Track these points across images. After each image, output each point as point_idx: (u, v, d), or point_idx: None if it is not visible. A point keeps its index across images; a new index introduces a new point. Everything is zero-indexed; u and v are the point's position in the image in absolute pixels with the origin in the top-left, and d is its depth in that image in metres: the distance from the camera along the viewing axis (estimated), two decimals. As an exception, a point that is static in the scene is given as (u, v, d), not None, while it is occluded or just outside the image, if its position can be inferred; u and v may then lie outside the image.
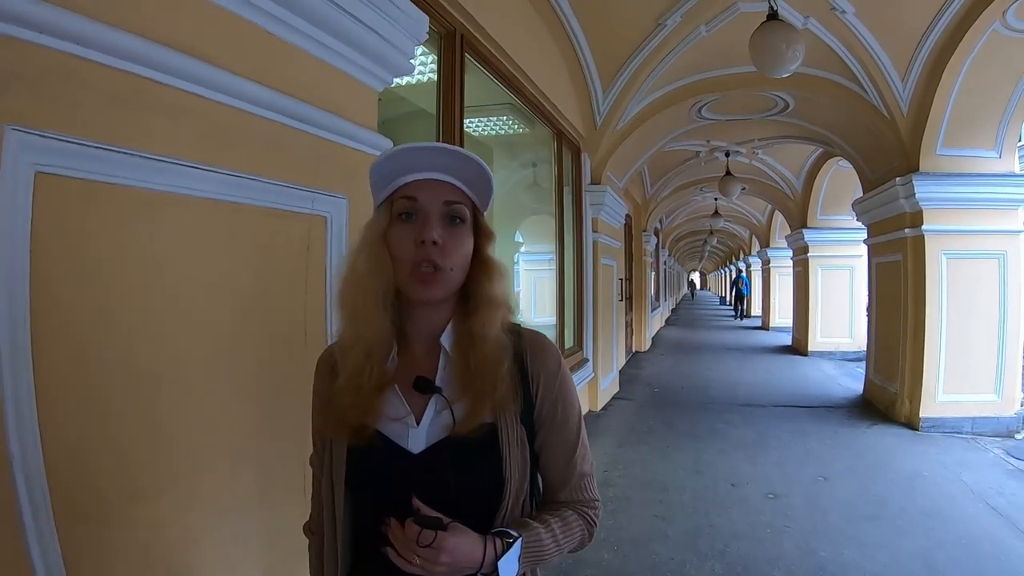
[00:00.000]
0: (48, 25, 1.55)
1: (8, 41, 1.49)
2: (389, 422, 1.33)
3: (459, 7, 4.26)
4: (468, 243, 1.34)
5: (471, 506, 1.29)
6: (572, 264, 8.62)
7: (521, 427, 1.36)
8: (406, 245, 1.28)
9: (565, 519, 1.39)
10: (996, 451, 7.12)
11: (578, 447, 1.44)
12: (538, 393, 1.40)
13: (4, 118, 1.50)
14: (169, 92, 1.89)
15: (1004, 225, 7.97)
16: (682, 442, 7.62)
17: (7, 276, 1.52)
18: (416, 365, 1.36)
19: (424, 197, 1.30)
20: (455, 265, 1.31)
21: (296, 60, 2.42)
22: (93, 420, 1.72)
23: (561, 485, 1.44)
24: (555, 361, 1.44)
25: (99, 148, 1.69)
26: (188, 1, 1.97)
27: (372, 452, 1.31)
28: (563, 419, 1.42)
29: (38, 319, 1.58)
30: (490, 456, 1.32)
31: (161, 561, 1.89)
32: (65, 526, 1.62)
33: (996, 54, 6.72)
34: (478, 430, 1.30)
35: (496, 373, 1.31)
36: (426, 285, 1.29)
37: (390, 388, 1.34)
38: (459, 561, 1.20)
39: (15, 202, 1.53)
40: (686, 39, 7.07)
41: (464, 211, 1.33)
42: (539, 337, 1.47)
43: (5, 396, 1.51)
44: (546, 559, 1.35)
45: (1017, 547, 4.58)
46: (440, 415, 1.32)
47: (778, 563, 4.32)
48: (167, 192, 1.88)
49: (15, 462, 1.52)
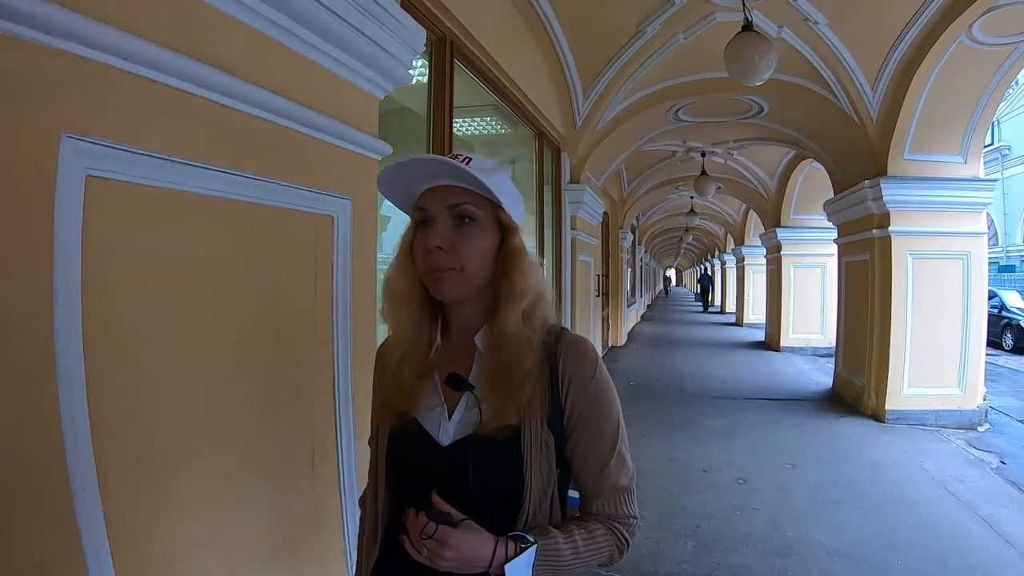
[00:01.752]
0: (97, 40, 1.71)
1: (62, 55, 1.65)
2: (426, 411, 1.39)
3: (450, 15, 4.45)
4: (481, 239, 1.36)
5: (489, 505, 1.30)
6: (551, 260, 8.77)
7: (548, 431, 1.36)
8: (420, 253, 1.35)
9: (592, 532, 1.36)
10: (958, 442, 7.41)
11: (612, 458, 1.41)
12: (568, 397, 1.39)
13: (60, 126, 1.65)
14: (199, 102, 2.07)
15: (968, 227, 8.27)
16: (657, 431, 7.86)
17: (64, 271, 1.68)
18: (457, 359, 1.42)
19: (431, 205, 1.35)
20: (466, 264, 1.34)
21: (308, 71, 2.61)
22: (131, 404, 1.88)
23: (593, 495, 1.41)
24: (590, 367, 1.42)
25: (139, 153, 1.86)
26: (217, 18, 2.15)
27: (409, 439, 1.39)
28: (596, 427, 1.40)
29: (87, 312, 1.74)
30: (511, 457, 1.33)
31: (184, 528, 2.06)
32: (107, 498, 1.77)
33: (962, 65, 7.00)
34: (503, 431, 1.31)
35: (519, 370, 1.33)
36: (440, 285, 1.34)
37: (430, 378, 1.41)
38: (465, 558, 1.22)
39: (69, 203, 1.69)
40: (665, 45, 7.26)
41: (472, 210, 1.35)
42: (578, 342, 1.46)
43: (59, 380, 1.67)
44: (563, 569, 1.31)
45: (973, 529, 4.86)
46: (470, 412, 1.35)
47: (747, 541, 4.60)
48: (195, 193, 2.05)
49: (67, 439, 1.69)
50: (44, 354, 1.64)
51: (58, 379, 1.67)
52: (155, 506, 1.96)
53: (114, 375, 1.82)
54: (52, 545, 1.67)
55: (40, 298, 1.63)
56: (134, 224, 1.89)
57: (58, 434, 1.67)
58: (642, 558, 4.35)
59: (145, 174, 1.90)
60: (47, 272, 1.65)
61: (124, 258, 1.86)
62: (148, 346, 1.93)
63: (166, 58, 1.92)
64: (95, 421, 1.75)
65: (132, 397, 1.89)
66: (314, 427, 2.68)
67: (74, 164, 1.70)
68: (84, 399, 1.73)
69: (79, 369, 1.72)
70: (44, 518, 1.65)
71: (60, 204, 1.67)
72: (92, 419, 1.75)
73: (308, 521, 2.64)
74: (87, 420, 1.74)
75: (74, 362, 1.71)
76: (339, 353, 2.79)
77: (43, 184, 1.63)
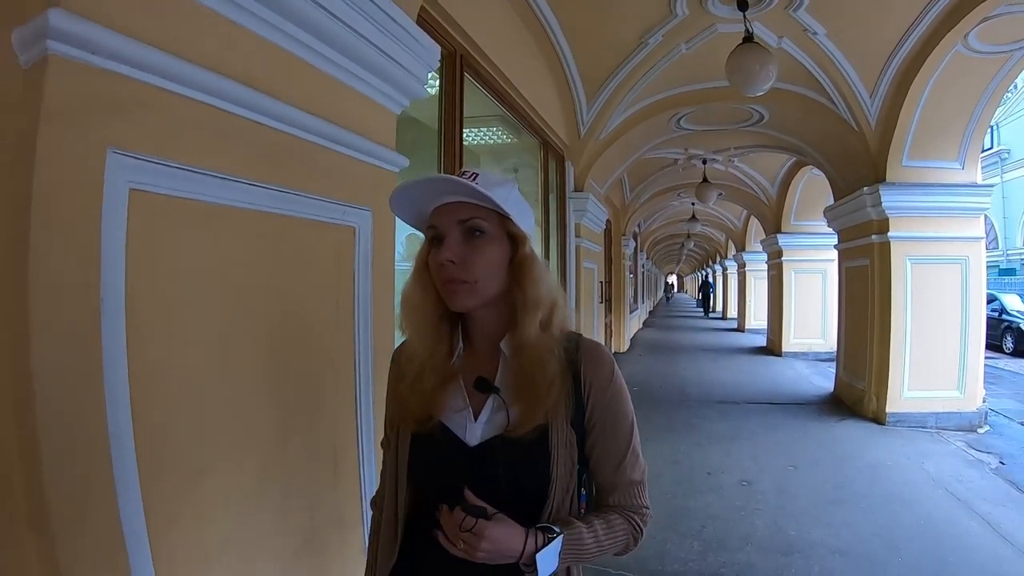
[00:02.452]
0: (140, 60, 1.83)
1: (109, 75, 1.77)
2: (451, 414, 1.45)
3: (460, 30, 4.59)
4: (492, 251, 1.42)
5: (518, 500, 1.36)
6: (556, 268, 8.85)
7: (571, 430, 1.43)
8: (435, 268, 1.41)
9: (610, 522, 1.44)
10: (958, 443, 7.50)
11: (628, 454, 1.50)
12: (589, 399, 1.46)
13: (106, 142, 1.77)
14: (233, 119, 2.20)
15: (966, 232, 8.35)
16: (661, 435, 7.96)
17: (110, 280, 1.79)
18: (480, 364, 1.48)
19: (441, 221, 1.42)
20: (479, 276, 1.40)
21: (332, 89, 2.74)
22: (169, 406, 1.99)
23: (610, 490, 1.50)
24: (608, 370, 1.50)
25: (178, 167, 1.97)
26: (250, 39, 2.28)
27: (434, 441, 1.44)
28: (613, 426, 1.48)
29: (130, 319, 1.85)
30: (539, 456, 1.39)
31: (217, 526, 2.17)
32: (147, 497, 1.88)
33: (959, 73, 7.10)
34: (531, 431, 1.38)
35: (544, 376, 1.40)
36: (454, 298, 1.41)
37: (455, 383, 1.48)
38: (499, 549, 1.28)
39: (115, 215, 1.80)
40: (667, 56, 7.37)
41: (481, 223, 1.41)
42: (595, 347, 1.54)
43: (106, 385, 1.77)
44: (586, 558, 1.41)
45: (971, 527, 4.96)
46: (496, 414, 1.42)
47: (751, 540, 4.71)
48: (228, 205, 2.17)
49: (112, 442, 1.79)
50: (93, 361, 1.74)
51: (104, 384, 1.77)
52: (191, 504, 2.06)
53: (154, 379, 1.92)
54: (97, 539, 1.77)
55: (89, 307, 1.74)
56: (172, 235, 1.99)
57: (104, 436, 1.78)
58: (649, 557, 4.45)
59: (182, 187, 2.02)
60: (95, 281, 1.75)
61: (163, 267, 1.96)
62: (184, 351, 2.04)
63: (203, 77, 2.04)
64: (137, 423, 1.86)
65: (170, 400, 1.99)
66: (336, 430, 2.79)
67: (119, 177, 1.81)
68: (128, 403, 1.83)
69: (123, 374, 1.82)
70: (91, 513, 1.75)
71: (106, 216, 1.78)
72: (135, 422, 1.85)
73: (331, 520, 2.74)
74: (130, 423, 1.84)
75: (119, 367, 1.81)
76: (360, 358, 2.90)
77: (91, 197, 1.74)
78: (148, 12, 1.88)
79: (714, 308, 35.85)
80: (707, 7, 6.37)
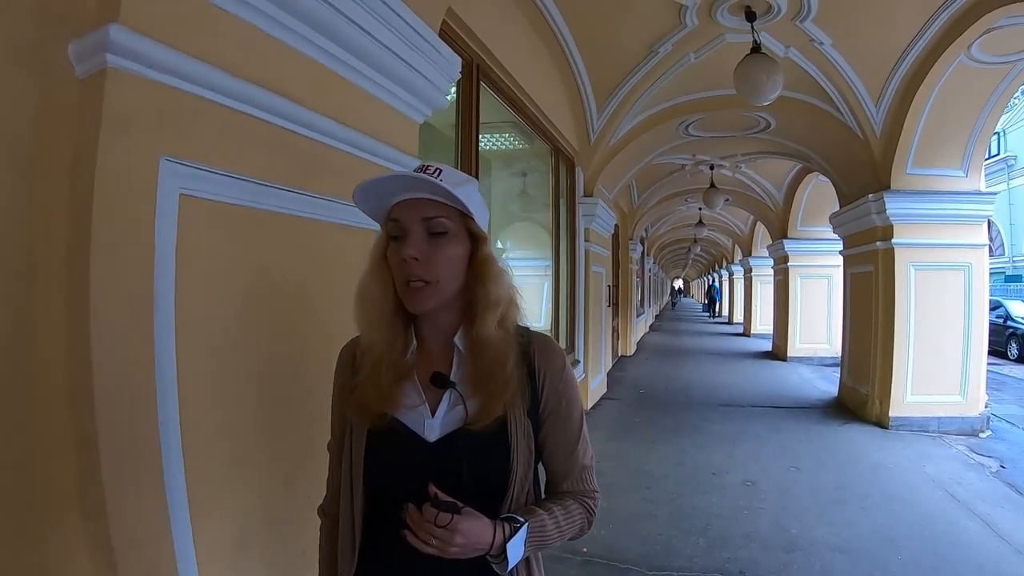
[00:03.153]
0: (189, 73, 1.99)
1: (161, 87, 1.92)
2: (407, 411, 1.44)
3: (477, 40, 4.77)
4: (454, 251, 1.41)
5: (481, 493, 1.36)
6: (566, 271, 9.03)
7: (527, 421, 1.45)
8: (396, 263, 1.39)
9: (567, 507, 1.48)
10: (960, 447, 7.57)
11: (579, 441, 1.55)
12: (543, 390, 1.49)
13: (159, 150, 1.92)
14: (271, 128, 2.37)
15: (969, 239, 8.43)
16: (666, 437, 8.08)
17: (162, 279, 1.94)
18: (434, 361, 1.47)
19: (404, 216, 1.39)
20: (441, 276, 1.39)
21: (360, 100, 2.91)
22: (211, 398, 2.14)
23: (564, 476, 1.54)
24: (560, 360, 1.54)
25: (222, 174, 2.14)
26: (287, 53, 2.45)
27: (391, 438, 1.42)
28: (567, 414, 1.52)
29: (179, 315, 2.00)
30: (499, 447, 1.41)
31: (251, 516, 2.33)
32: (191, 479, 2.02)
33: (962, 83, 7.20)
34: (490, 424, 1.39)
35: (503, 371, 1.42)
36: (416, 299, 1.39)
37: (409, 380, 1.46)
38: (472, 543, 1.29)
39: (167, 218, 1.95)
40: (676, 65, 7.51)
41: (445, 223, 1.39)
42: (546, 339, 1.58)
43: (157, 376, 1.92)
44: (549, 543, 1.43)
45: (970, 527, 5.06)
46: (454, 408, 1.42)
47: (754, 538, 4.83)
48: (265, 209, 2.33)
49: (162, 429, 1.94)
50: (145, 354, 1.90)
51: (156, 376, 1.93)
52: (229, 493, 2.22)
53: (198, 372, 2.07)
54: (147, 524, 1.91)
55: (144, 304, 1.89)
56: (216, 237, 2.15)
57: (155, 426, 1.93)
58: (655, 554, 4.58)
59: (226, 193, 2.18)
60: (149, 281, 1.91)
61: (207, 268, 2.12)
62: (224, 346, 2.20)
63: (246, 90, 2.21)
64: (183, 413, 2.01)
65: (211, 392, 2.15)
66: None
67: (170, 184, 1.96)
68: (176, 394, 1.99)
69: (172, 367, 1.98)
70: (142, 500, 1.90)
71: (160, 219, 1.93)
72: (181, 411, 2.00)
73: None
74: (177, 413, 1.99)
75: (168, 361, 1.97)
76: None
77: (145, 201, 1.90)
78: (197, 28, 2.05)
79: (720, 312, 37.75)
80: (716, 18, 6.51)
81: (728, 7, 6.32)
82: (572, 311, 9.31)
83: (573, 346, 9.31)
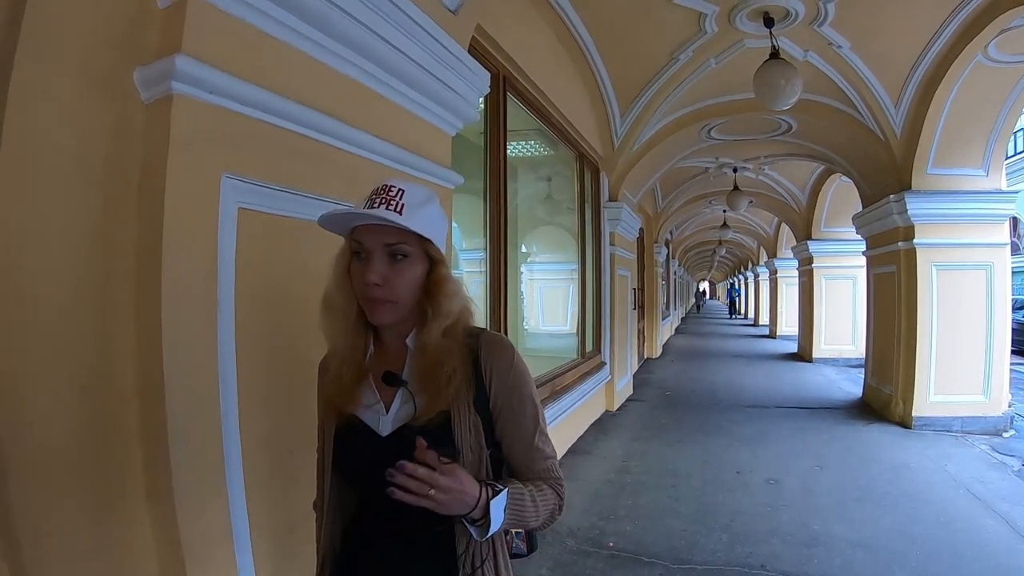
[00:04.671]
0: (246, 98, 2.19)
1: (221, 111, 2.12)
2: (365, 409, 1.54)
3: (504, 53, 4.95)
4: (412, 273, 1.49)
5: None
6: (592, 275, 9.19)
7: (475, 414, 1.51)
8: (358, 281, 1.48)
9: (539, 486, 1.54)
10: (982, 447, 7.59)
11: (536, 433, 1.58)
12: (491, 384, 1.54)
13: (221, 168, 2.12)
14: (317, 145, 2.56)
15: (991, 239, 8.45)
16: (691, 437, 8.19)
17: (224, 285, 2.13)
18: (389, 362, 1.56)
19: (368, 241, 1.46)
20: (399, 296, 1.47)
21: (397, 116, 3.10)
22: (266, 395, 2.32)
23: (526, 468, 1.58)
24: (507, 356, 1.58)
25: (274, 188, 2.33)
26: (332, 76, 2.66)
27: (351, 434, 1.54)
28: (519, 408, 1.57)
29: (238, 318, 2.19)
30: (444, 439, 1.45)
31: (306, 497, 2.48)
32: (247, 465, 2.21)
33: (980, 82, 7.26)
34: (436, 418, 1.46)
35: (443, 371, 1.48)
36: (376, 313, 1.48)
37: (366, 381, 1.56)
38: (466, 490, 1.33)
39: (227, 230, 2.15)
40: (697, 70, 7.65)
41: (405, 248, 1.46)
42: (494, 337, 1.63)
43: (220, 376, 2.11)
44: (526, 518, 1.49)
45: (989, 524, 5.12)
46: (405, 405, 1.50)
47: (776, 533, 4.94)
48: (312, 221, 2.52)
49: (223, 423, 2.13)
50: (209, 351, 2.10)
51: (219, 375, 2.12)
52: (281, 480, 2.39)
53: (254, 369, 2.26)
54: (209, 507, 2.09)
55: (208, 308, 2.09)
56: (269, 247, 2.34)
57: (216, 416, 2.12)
58: (680, 548, 4.71)
59: (279, 206, 2.38)
60: (213, 287, 2.10)
61: (261, 275, 2.31)
62: (276, 346, 2.38)
63: (293, 110, 2.41)
64: (241, 405, 2.19)
65: (267, 389, 2.33)
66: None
67: (231, 199, 2.17)
68: (235, 388, 2.18)
69: (232, 364, 2.17)
70: (204, 485, 2.08)
71: (222, 231, 2.13)
72: (239, 404, 2.19)
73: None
74: (236, 406, 2.18)
75: (229, 358, 2.16)
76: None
77: (209, 215, 2.10)
78: (251, 55, 2.25)
79: (739, 312, 42.53)
80: (735, 24, 6.64)
81: (747, 13, 6.44)
82: (598, 314, 9.46)
83: (599, 348, 9.46)
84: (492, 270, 5.60)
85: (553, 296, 10.03)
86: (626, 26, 6.81)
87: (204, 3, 2.05)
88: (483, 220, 5.47)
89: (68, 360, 1.84)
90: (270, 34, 2.33)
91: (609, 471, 6.75)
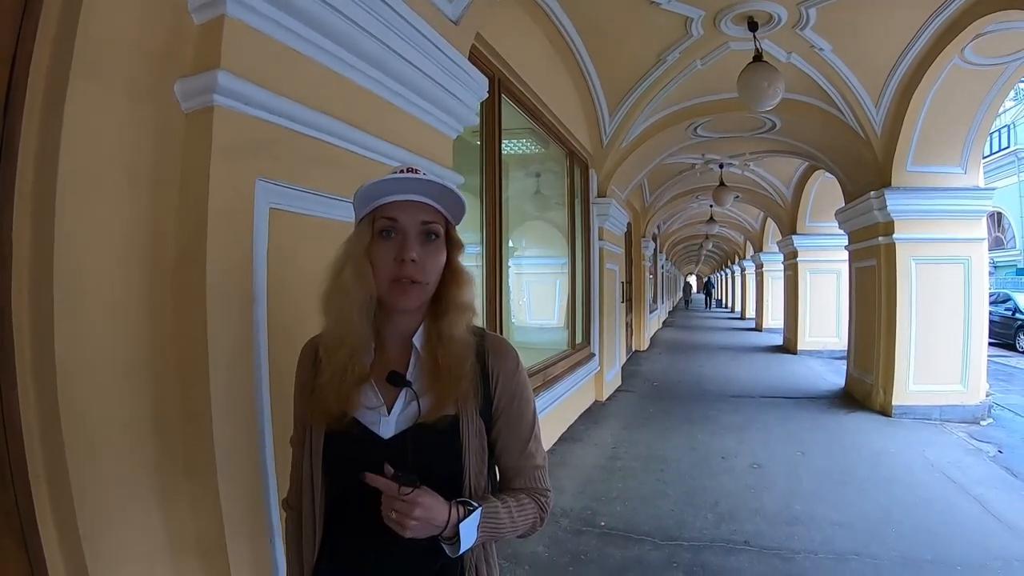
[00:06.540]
0: (276, 108, 2.39)
1: (255, 120, 2.33)
2: (365, 411, 1.46)
3: (499, 57, 5.18)
4: (442, 256, 1.46)
5: (435, 489, 1.36)
6: (581, 269, 9.39)
7: (480, 419, 1.48)
8: (387, 261, 1.41)
9: (520, 501, 1.49)
10: (960, 434, 7.84)
11: (531, 440, 1.56)
12: (496, 389, 1.52)
13: (255, 172, 2.33)
14: (339, 151, 2.79)
15: (968, 234, 8.68)
16: (679, 426, 8.42)
17: (259, 279, 2.33)
18: (390, 361, 1.50)
19: (404, 218, 1.41)
20: (431, 278, 1.44)
21: (405, 121, 3.32)
22: None
23: (516, 474, 1.55)
24: (513, 362, 1.56)
25: (302, 191, 2.55)
26: (351, 88, 2.88)
27: (348, 437, 1.45)
28: (519, 413, 1.54)
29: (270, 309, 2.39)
30: (451, 444, 1.44)
31: None
32: (277, 449, 2.38)
33: (958, 84, 7.49)
34: (442, 421, 1.42)
35: (461, 369, 1.44)
36: (406, 296, 1.42)
37: (367, 381, 1.48)
38: (430, 517, 1.30)
39: (261, 229, 2.36)
40: (684, 71, 7.87)
41: (439, 228, 1.44)
42: (500, 340, 1.60)
43: (255, 362, 2.31)
44: (502, 533, 1.45)
45: (964, 506, 5.37)
46: (409, 406, 1.45)
47: (760, 513, 5.19)
48: (335, 220, 2.72)
49: (257, 405, 2.32)
50: (245, 341, 2.30)
51: (254, 361, 2.32)
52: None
53: (283, 359, 2.42)
54: (245, 488, 2.28)
55: (245, 302, 2.30)
56: (295, 244, 2.55)
57: (252, 402, 2.31)
58: (669, 526, 4.94)
59: (305, 207, 2.59)
60: (248, 279, 2.31)
61: (290, 270, 2.51)
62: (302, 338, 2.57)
63: (318, 119, 2.63)
64: (272, 392, 2.39)
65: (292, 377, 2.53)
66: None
67: (264, 200, 2.37)
68: (267, 376, 2.37)
69: (264, 354, 2.37)
70: (242, 468, 2.27)
71: (256, 230, 2.34)
72: (271, 391, 2.38)
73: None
74: (268, 394, 2.37)
75: (262, 348, 2.36)
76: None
77: (245, 216, 2.30)
78: (283, 70, 2.46)
79: (716, 300, 49.08)
80: (720, 28, 6.87)
81: (732, 18, 6.66)
82: (587, 307, 9.66)
83: (589, 340, 9.66)
84: (488, 265, 5.78)
85: (541, 290, 10.14)
86: (616, 29, 7.03)
87: (238, 22, 2.25)
88: (479, 217, 5.64)
89: (121, 349, 2.01)
90: (296, 49, 2.54)
91: (600, 457, 6.95)
